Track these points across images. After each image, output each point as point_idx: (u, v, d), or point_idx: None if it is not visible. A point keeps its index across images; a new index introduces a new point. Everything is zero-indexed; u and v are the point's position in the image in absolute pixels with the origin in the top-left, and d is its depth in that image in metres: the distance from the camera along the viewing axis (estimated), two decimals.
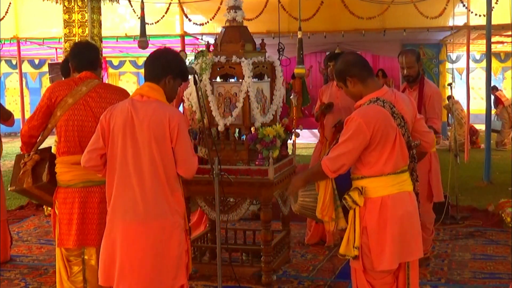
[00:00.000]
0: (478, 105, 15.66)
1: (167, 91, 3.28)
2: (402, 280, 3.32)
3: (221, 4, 9.76)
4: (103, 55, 7.76)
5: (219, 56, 4.67)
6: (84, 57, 3.97)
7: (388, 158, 3.16)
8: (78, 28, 6.82)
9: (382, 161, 3.16)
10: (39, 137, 3.97)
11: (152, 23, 10.53)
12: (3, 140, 5.59)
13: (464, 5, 10.29)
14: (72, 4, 6.79)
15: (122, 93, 3.94)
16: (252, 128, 4.69)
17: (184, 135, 3.20)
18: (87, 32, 6.81)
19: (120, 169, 3.20)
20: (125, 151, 3.18)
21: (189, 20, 11.14)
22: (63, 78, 5.05)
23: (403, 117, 3.22)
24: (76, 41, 6.75)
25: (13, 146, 14.75)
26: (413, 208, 3.28)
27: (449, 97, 7.44)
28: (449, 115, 7.96)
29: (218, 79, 4.84)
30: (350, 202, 3.20)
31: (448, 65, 15.21)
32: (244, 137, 4.79)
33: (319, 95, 5.90)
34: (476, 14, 10.19)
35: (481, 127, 14.78)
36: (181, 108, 6.27)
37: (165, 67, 3.25)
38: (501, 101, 14.02)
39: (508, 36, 12.27)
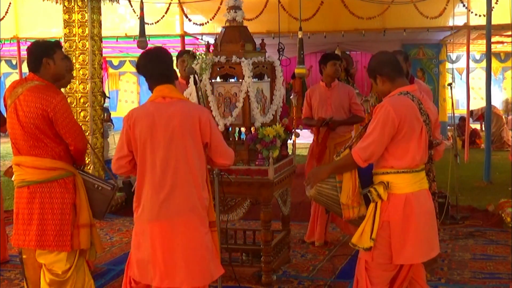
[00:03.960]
0: (478, 105, 15.65)
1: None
2: (404, 275, 3.40)
3: (221, 4, 9.76)
4: (103, 55, 7.74)
5: (219, 56, 4.67)
6: (29, 58, 3.84)
7: (416, 151, 3.25)
8: (78, 28, 6.82)
9: (411, 153, 3.24)
10: None
11: (152, 23, 10.53)
12: (3, 140, 5.60)
13: (464, 5, 10.29)
14: (72, 4, 6.78)
15: (48, 97, 3.66)
16: (252, 128, 4.69)
17: (216, 127, 3.35)
18: (87, 32, 6.81)
19: (151, 170, 3.22)
20: (155, 153, 3.21)
21: (189, 20, 11.14)
22: None
23: (428, 116, 3.33)
24: (76, 41, 6.77)
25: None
26: (431, 206, 3.39)
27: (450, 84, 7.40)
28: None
29: (218, 79, 4.84)
30: (375, 195, 3.26)
31: (448, 65, 15.20)
32: (243, 135, 4.79)
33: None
34: (476, 14, 10.19)
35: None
36: None
37: (172, 67, 3.39)
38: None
39: (508, 36, 12.26)
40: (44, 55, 3.76)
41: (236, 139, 4.75)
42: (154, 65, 3.30)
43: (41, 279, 3.82)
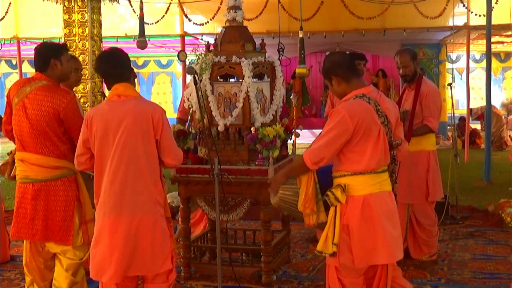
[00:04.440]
0: (478, 105, 15.65)
1: (134, 83, 3.56)
2: (382, 279, 3.35)
3: (221, 4, 9.77)
4: None
5: (219, 56, 4.67)
6: (36, 58, 3.97)
7: (372, 155, 3.19)
8: (78, 28, 6.82)
9: (367, 157, 3.19)
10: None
11: (152, 23, 10.54)
12: (3, 140, 5.64)
13: (464, 5, 10.30)
14: (72, 4, 6.78)
15: (59, 97, 3.81)
16: (252, 128, 4.69)
17: (167, 126, 3.42)
18: (87, 32, 6.81)
19: (106, 167, 3.37)
20: (109, 150, 3.35)
21: (189, 20, 11.15)
22: None
23: (387, 116, 3.27)
24: (76, 41, 6.77)
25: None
26: (393, 208, 3.33)
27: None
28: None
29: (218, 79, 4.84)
30: (332, 199, 3.21)
31: (448, 65, 15.20)
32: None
33: (330, 97, 5.84)
34: (476, 14, 10.20)
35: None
36: None
37: (128, 65, 3.49)
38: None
39: (508, 36, 12.26)
40: (52, 56, 3.89)
41: (237, 138, 4.75)
42: (108, 65, 3.45)
43: (57, 267, 3.95)
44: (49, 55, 3.89)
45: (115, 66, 3.44)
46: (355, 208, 3.20)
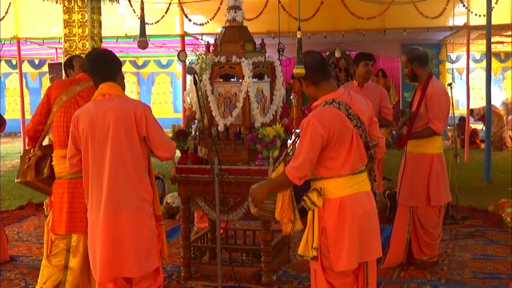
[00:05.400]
0: (478, 105, 15.65)
1: (122, 84, 3.58)
2: (362, 280, 3.32)
3: (221, 4, 9.77)
4: None
5: (219, 56, 4.67)
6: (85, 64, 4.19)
7: (346, 160, 3.16)
8: (78, 28, 6.83)
9: (340, 163, 3.16)
10: (42, 132, 4.27)
11: (152, 23, 10.53)
12: (3, 140, 5.67)
13: (464, 5, 10.30)
14: (72, 4, 6.80)
15: None
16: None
17: (153, 121, 3.45)
18: (87, 32, 6.82)
19: (92, 167, 3.43)
20: (94, 150, 3.41)
21: (189, 20, 11.15)
22: (63, 77, 5.13)
23: (359, 118, 3.21)
24: (76, 41, 6.79)
25: (13, 146, 14.69)
26: (372, 208, 3.28)
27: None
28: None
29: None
30: (309, 203, 3.18)
31: (448, 65, 15.19)
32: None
33: None
34: (476, 14, 10.20)
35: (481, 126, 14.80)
36: None
37: (115, 65, 3.55)
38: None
39: (508, 36, 12.26)
40: None
41: (237, 139, 4.75)
42: (94, 65, 3.53)
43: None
44: None
45: (101, 66, 3.51)
46: (332, 211, 3.17)
